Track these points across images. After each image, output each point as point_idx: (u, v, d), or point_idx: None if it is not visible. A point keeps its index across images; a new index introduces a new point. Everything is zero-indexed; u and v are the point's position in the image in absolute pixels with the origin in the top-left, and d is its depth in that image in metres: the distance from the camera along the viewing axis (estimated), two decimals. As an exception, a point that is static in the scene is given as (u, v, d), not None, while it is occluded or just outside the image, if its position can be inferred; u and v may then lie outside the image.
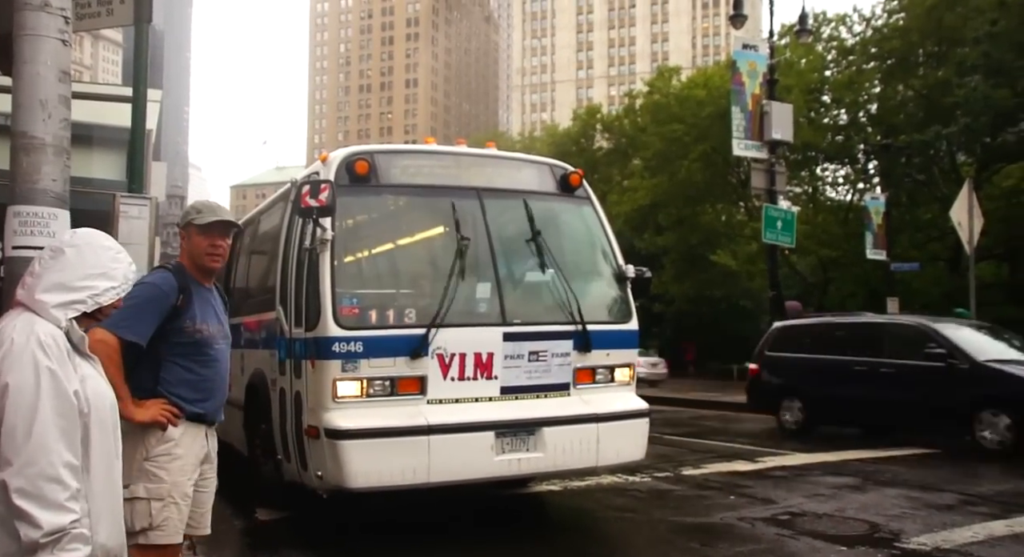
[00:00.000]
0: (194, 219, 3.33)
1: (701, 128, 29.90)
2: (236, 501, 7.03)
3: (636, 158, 37.52)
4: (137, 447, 3.04)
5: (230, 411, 8.30)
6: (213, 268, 3.50)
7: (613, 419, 6.20)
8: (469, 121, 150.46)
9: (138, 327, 3.12)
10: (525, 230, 6.33)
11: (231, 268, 8.99)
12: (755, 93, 17.55)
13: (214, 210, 3.41)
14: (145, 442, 3.09)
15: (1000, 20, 23.14)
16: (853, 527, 6.26)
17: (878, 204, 22.38)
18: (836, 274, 30.97)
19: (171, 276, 3.29)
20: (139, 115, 5.23)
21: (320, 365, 5.54)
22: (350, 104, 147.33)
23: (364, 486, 5.44)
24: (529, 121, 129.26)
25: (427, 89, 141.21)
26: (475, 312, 6.11)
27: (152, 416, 3.09)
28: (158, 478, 3.08)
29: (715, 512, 6.85)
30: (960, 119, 23.02)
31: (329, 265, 5.64)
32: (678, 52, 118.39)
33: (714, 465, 9.28)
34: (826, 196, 33.90)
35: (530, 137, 64.03)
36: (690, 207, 32.20)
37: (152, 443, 3.10)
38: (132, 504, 2.99)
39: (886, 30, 28.91)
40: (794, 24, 26.27)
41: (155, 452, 3.11)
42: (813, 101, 29.83)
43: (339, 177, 5.88)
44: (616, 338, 6.47)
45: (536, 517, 7.10)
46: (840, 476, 8.52)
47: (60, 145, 3.04)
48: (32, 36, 2.96)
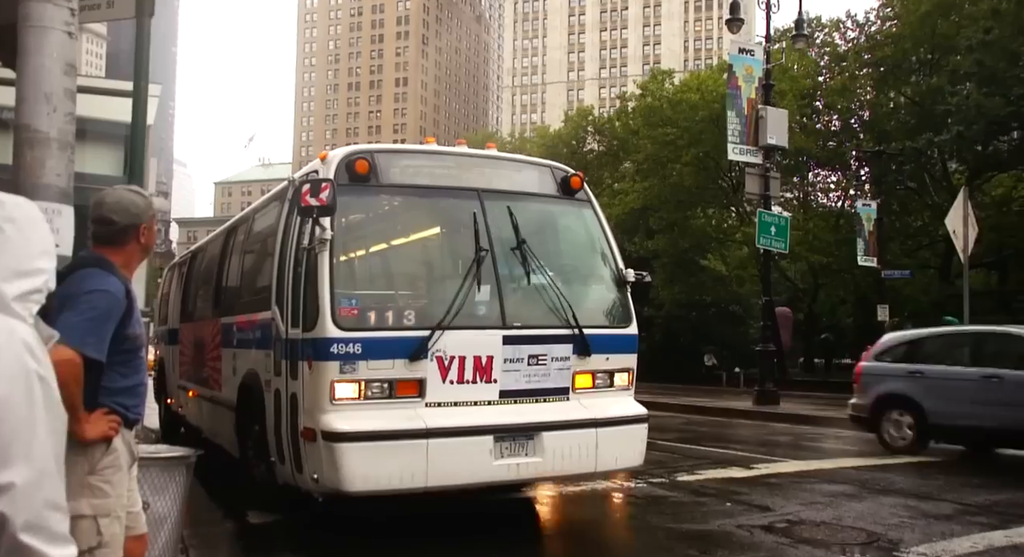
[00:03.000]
0: (154, 212, 3.10)
1: (694, 132, 29.96)
2: (227, 503, 6.95)
3: (627, 161, 37.60)
4: (78, 462, 2.79)
5: (220, 412, 8.25)
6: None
7: (612, 424, 6.15)
8: (459, 121, 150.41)
9: (101, 344, 2.81)
10: (525, 232, 6.27)
11: (222, 266, 8.90)
12: (751, 97, 17.56)
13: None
14: (89, 456, 2.86)
15: (994, 28, 23.27)
16: (852, 536, 6.22)
17: (870, 211, 22.47)
18: (826, 280, 31.10)
19: (117, 280, 2.94)
20: (140, 110, 5.15)
21: (318, 366, 5.46)
22: (339, 102, 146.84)
23: (361, 490, 5.37)
24: (519, 122, 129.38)
25: (417, 88, 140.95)
26: (475, 315, 6.04)
27: (102, 431, 2.86)
28: (103, 492, 2.87)
29: (712, 519, 6.80)
30: (952, 127, 23.13)
31: (328, 265, 5.56)
32: (670, 55, 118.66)
33: (709, 471, 9.24)
34: (818, 202, 34.03)
35: (521, 138, 64.06)
36: (681, 211, 32.24)
37: (97, 456, 2.88)
38: (75, 523, 2.70)
39: (879, 37, 29.05)
40: (789, 28, 26.35)
41: (101, 465, 2.89)
42: (806, 106, 29.94)
43: (339, 176, 5.80)
44: (616, 342, 6.42)
45: (531, 522, 7.03)
46: (835, 484, 8.49)
47: (65, 139, 2.95)
48: (38, 28, 2.87)
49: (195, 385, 9.55)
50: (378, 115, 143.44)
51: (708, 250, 32.94)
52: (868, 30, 30.10)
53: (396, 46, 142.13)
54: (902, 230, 29.04)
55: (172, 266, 13.60)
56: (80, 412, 2.72)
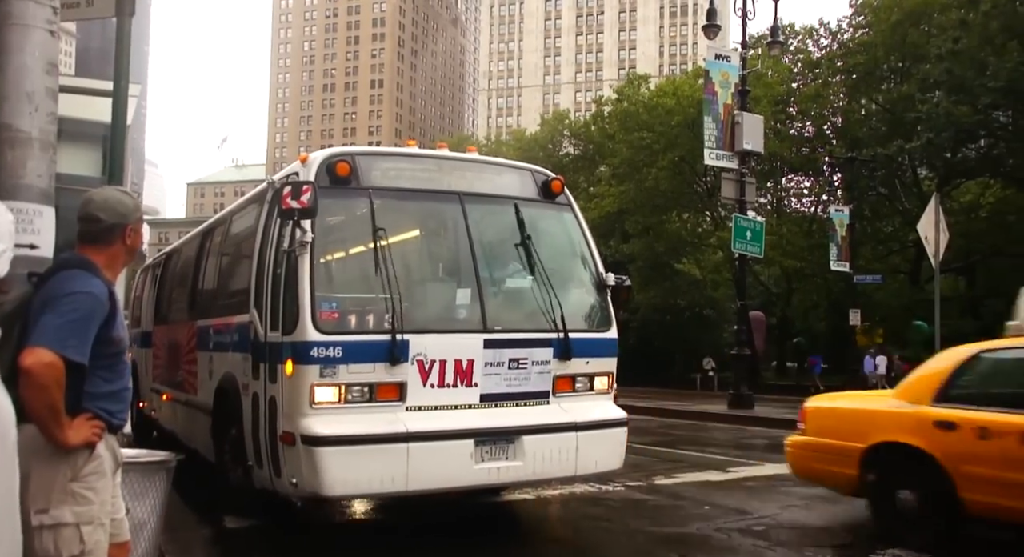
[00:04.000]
0: (141, 214, 3.03)
1: (669, 137, 30.14)
2: (202, 508, 6.87)
3: (603, 165, 37.74)
4: (60, 468, 2.72)
5: (196, 415, 8.14)
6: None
7: (592, 428, 6.15)
8: (434, 124, 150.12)
9: (84, 347, 2.72)
10: (506, 236, 6.27)
11: (198, 269, 8.81)
12: (727, 103, 17.69)
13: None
14: (72, 462, 2.76)
15: (962, 38, 23.64)
16: (829, 538, 6.28)
17: (842, 216, 22.72)
18: (799, 285, 31.40)
19: (100, 282, 2.86)
20: (120, 110, 5.07)
21: (298, 370, 5.42)
22: (313, 103, 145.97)
23: (341, 494, 5.34)
24: (495, 125, 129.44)
25: (392, 90, 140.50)
26: (456, 318, 6.04)
27: (85, 437, 2.76)
28: (87, 500, 2.78)
29: (690, 522, 6.84)
30: (922, 134, 23.48)
31: (309, 268, 5.51)
32: (645, 60, 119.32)
33: (686, 475, 9.28)
34: (791, 207, 34.36)
35: (497, 141, 64.07)
36: (656, 215, 32.42)
37: (80, 463, 2.78)
38: (57, 531, 2.68)
39: (852, 44, 29.42)
40: (764, 35, 26.60)
41: (84, 472, 2.79)
42: (779, 112, 30.24)
43: (319, 178, 5.75)
44: (596, 346, 6.43)
45: (511, 527, 7.02)
46: (812, 487, 8.54)
47: (47, 139, 2.90)
48: (20, 26, 2.83)
49: (169, 388, 9.43)
50: (353, 117, 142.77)
51: (683, 254, 33.17)
52: (841, 38, 30.49)
53: (372, 48, 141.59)
54: (873, 235, 29.40)
55: (145, 268, 13.43)
56: (62, 417, 2.65)
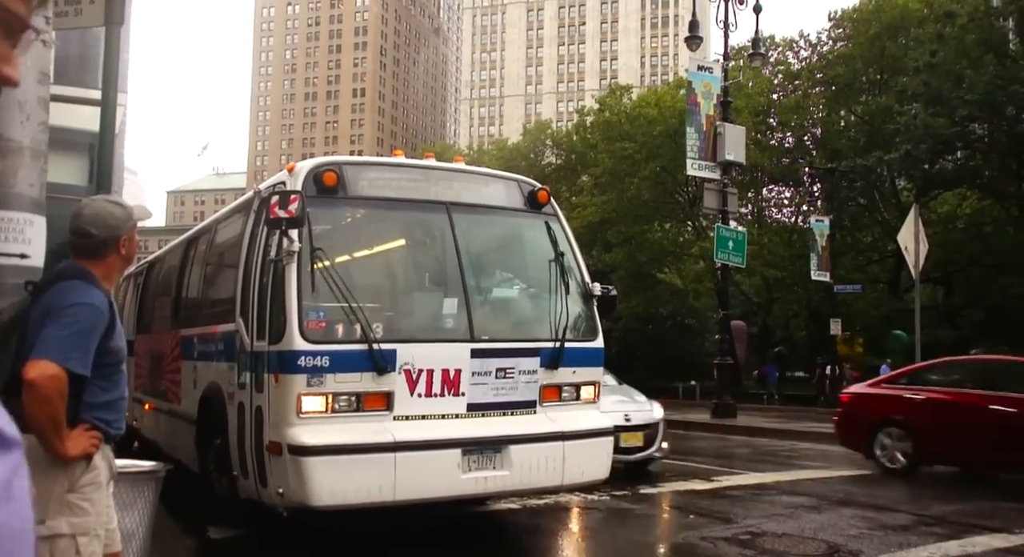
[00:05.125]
0: (136, 221, 2.99)
1: (651, 147, 30.30)
2: (186, 518, 6.81)
3: (585, 175, 37.87)
4: (57, 479, 2.71)
5: (179, 425, 8.08)
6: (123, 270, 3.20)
7: (579, 437, 6.16)
8: (417, 133, 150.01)
9: (86, 359, 2.73)
10: (493, 246, 6.29)
11: (182, 277, 8.76)
12: (709, 114, 17.83)
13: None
14: (69, 473, 2.76)
15: (939, 51, 23.98)
16: (813, 547, 6.31)
17: (823, 227, 22.91)
18: (780, 294, 31.60)
19: (100, 293, 2.85)
20: (108, 119, 5.04)
21: (284, 379, 5.40)
22: (295, 112, 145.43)
23: (328, 504, 5.30)
24: (477, 134, 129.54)
25: (374, 99, 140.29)
26: (443, 328, 6.04)
27: (83, 448, 2.76)
28: (83, 511, 2.77)
29: (676, 531, 6.87)
30: (900, 146, 23.75)
31: (296, 277, 5.50)
32: (627, 70, 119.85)
33: (670, 484, 9.31)
34: (772, 217, 34.63)
35: (479, 151, 64.13)
36: (638, 225, 32.56)
37: (78, 474, 2.78)
38: (53, 542, 2.66)
39: (831, 57, 29.75)
40: (745, 47, 26.85)
41: (81, 483, 2.79)
42: (760, 123, 30.49)
43: (307, 188, 5.74)
44: (582, 356, 6.44)
45: (497, 536, 7.01)
46: (795, 495, 8.61)
47: (38, 148, 2.87)
48: (12, 34, 2.80)
49: (152, 398, 9.36)
50: (335, 125, 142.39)
51: (665, 264, 33.28)
52: (820, 50, 30.82)
53: (354, 57, 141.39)
54: (853, 245, 29.66)
55: (127, 276, 13.31)
56: (64, 429, 2.64)
